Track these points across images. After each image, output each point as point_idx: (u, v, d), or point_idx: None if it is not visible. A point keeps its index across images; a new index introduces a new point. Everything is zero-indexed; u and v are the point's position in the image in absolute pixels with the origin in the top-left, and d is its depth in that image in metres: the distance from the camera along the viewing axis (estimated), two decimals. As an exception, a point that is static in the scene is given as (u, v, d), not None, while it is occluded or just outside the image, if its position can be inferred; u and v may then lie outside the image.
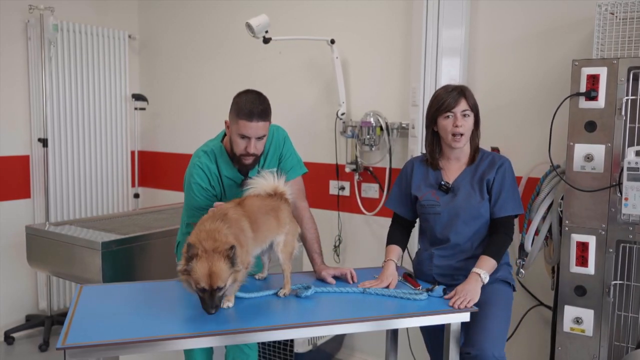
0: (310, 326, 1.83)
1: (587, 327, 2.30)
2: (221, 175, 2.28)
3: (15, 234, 3.83)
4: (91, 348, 1.61)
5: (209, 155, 2.30)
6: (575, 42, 2.72)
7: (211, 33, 4.11)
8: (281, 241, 2.06)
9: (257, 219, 1.97)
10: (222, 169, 2.28)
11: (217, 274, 1.71)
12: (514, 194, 2.23)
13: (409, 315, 1.95)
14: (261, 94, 2.22)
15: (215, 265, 1.71)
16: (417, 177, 2.33)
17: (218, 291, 1.73)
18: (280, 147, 2.39)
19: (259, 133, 2.16)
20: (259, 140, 2.18)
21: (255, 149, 2.18)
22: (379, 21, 3.35)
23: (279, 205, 2.08)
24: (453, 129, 2.17)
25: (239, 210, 1.93)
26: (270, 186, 2.09)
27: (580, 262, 2.30)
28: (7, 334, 3.79)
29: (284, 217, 2.07)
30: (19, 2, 3.82)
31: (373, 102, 3.39)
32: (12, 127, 3.89)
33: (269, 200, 2.06)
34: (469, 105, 2.18)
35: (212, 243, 1.75)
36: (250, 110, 2.12)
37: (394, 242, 2.37)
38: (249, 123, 2.12)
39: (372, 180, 3.43)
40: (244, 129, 2.13)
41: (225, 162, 2.28)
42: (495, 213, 2.21)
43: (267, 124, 2.20)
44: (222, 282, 1.73)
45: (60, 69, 4.02)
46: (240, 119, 2.13)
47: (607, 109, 2.22)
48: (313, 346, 3.24)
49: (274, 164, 2.38)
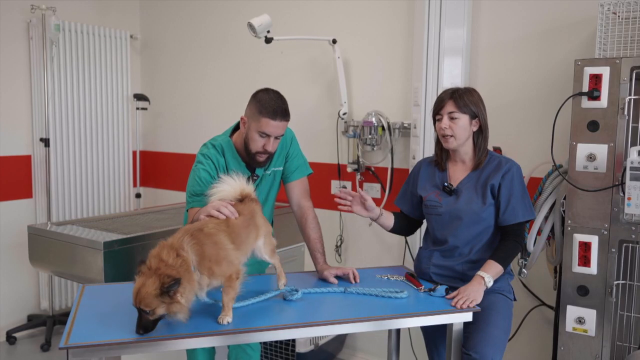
0: (312, 326, 1.83)
1: (589, 327, 2.30)
2: (228, 170, 2.27)
3: (17, 234, 3.83)
4: (94, 348, 1.61)
5: (217, 149, 2.31)
6: (578, 42, 2.71)
7: (213, 33, 4.11)
8: (261, 244, 2.01)
9: (241, 233, 1.88)
10: (230, 163, 2.28)
11: (142, 297, 1.60)
12: (524, 199, 2.19)
13: (410, 315, 1.95)
14: (281, 94, 2.25)
15: (144, 287, 1.61)
16: (424, 177, 2.34)
17: (145, 313, 1.62)
18: (287, 146, 2.40)
19: (279, 132, 2.18)
20: (276, 139, 2.21)
21: (272, 147, 2.20)
22: (381, 21, 3.35)
23: (253, 210, 1.99)
24: (440, 131, 2.20)
25: (221, 225, 1.83)
26: (236, 191, 1.99)
27: (583, 262, 2.30)
28: (9, 334, 3.79)
29: (259, 222, 2.00)
30: (21, 2, 3.82)
31: (375, 101, 3.39)
32: (14, 127, 3.90)
33: (241, 207, 1.95)
34: (457, 107, 2.15)
35: (158, 263, 1.64)
36: (275, 109, 2.15)
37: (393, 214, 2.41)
38: (272, 122, 2.14)
39: (374, 180, 3.43)
40: (266, 127, 2.14)
41: (233, 157, 2.29)
42: (505, 220, 2.18)
43: (287, 124, 2.23)
44: (147, 307, 1.61)
45: (62, 68, 4.03)
46: (263, 116, 2.14)
47: (609, 108, 2.21)
48: (315, 346, 3.24)
49: (280, 163, 2.38)
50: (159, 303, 1.61)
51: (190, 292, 1.68)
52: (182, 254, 1.67)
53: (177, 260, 1.66)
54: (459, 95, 2.17)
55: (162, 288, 1.60)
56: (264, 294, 2.02)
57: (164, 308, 1.62)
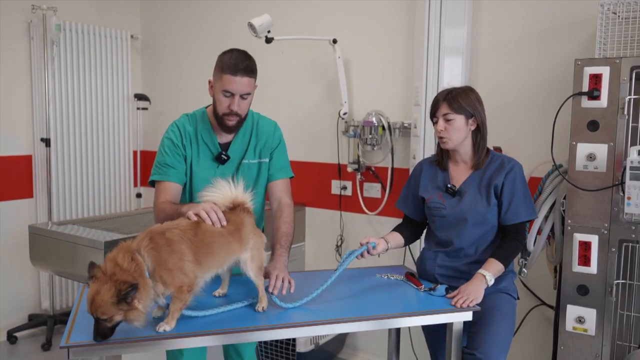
0: (312, 325, 1.83)
1: (589, 327, 2.30)
2: (198, 139, 2.21)
3: (17, 234, 3.83)
4: (94, 347, 1.61)
5: (190, 117, 2.25)
6: (578, 42, 2.72)
7: (213, 33, 4.11)
8: (247, 258, 1.89)
9: (212, 244, 1.79)
10: (202, 133, 2.21)
11: (97, 305, 1.54)
12: (526, 199, 2.19)
13: (411, 314, 1.95)
14: (247, 52, 2.16)
15: (99, 295, 1.54)
16: (426, 178, 2.32)
17: (102, 320, 1.56)
18: (275, 144, 2.33)
19: (243, 90, 2.09)
20: (243, 99, 2.11)
21: (239, 107, 2.10)
22: (381, 21, 3.35)
23: (242, 221, 1.89)
24: (436, 133, 2.20)
25: (188, 233, 1.74)
26: (228, 199, 1.89)
27: (583, 262, 2.30)
28: (10, 334, 3.80)
29: (246, 235, 1.88)
30: (21, 2, 3.83)
31: (375, 101, 3.39)
32: (14, 127, 3.90)
33: (229, 216, 1.86)
34: (451, 108, 2.15)
35: (113, 268, 1.58)
36: (235, 64, 2.07)
37: (397, 230, 2.39)
38: (233, 77, 2.06)
39: (374, 179, 3.43)
40: (228, 84, 2.07)
41: (206, 128, 2.22)
42: (507, 220, 2.18)
43: (252, 82, 2.13)
44: (104, 315, 1.55)
45: (63, 68, 4.03)
46: (224, 73, 2.07)
47: (609, 108, 2.22)
48: (315, 345, 3.25)
49: (266, 154, 2.29)
50: (116, 310, 1.55)
51: (147, 297, 1.61)
52: (137, 258, 1.62)
53: (131, 264, 1.60)
54: (452, 96, 2.16)
55: (119, 295, 1.54)
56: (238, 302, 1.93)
57: (122, 315, 1.57)
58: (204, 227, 1.79)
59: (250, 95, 2.15)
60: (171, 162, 2.17)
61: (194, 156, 2.21)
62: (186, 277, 1.69)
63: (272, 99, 3.86)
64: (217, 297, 2.00)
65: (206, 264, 1.77)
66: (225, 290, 2.03)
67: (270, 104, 3.86)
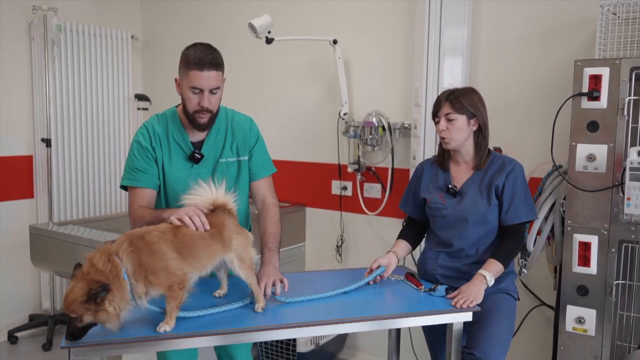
0: (313, 325, 1.83)
1: (589, 327, 2.31)
2: (169, 139, 2.15)
3: (18, 234, 3.84)
4: (95, 347, 1.61)
5: (160, 118, 2.20)
6: (578, 42, 2.72)
7: (213, 33, 4.11)
8: (234, 258, 1.87)
9: (194, 245, 1.78)
10: (173, 133, 2.15)
11: (69, 302, 1.55)
12: (526, 199, 2.20)
13: (411, 314, 1.96)
14: (211, 45, 2.09)
15: (72, 293, 1.55)
16: (427, 179, 2.32)
17: (73, 320, 1.56)
18: (253, 141, 2.25)
19: (212, 84, 2.02)
20: (213, 94, 2.04)
21: (209, 103, 2.03)
22: (382, 21, 3.36)
23: (222, 223, 1.86)
24: (438, 133, 2.21)
25: (168, 234, 1.75)
26: (208, 201, 1.87)
27: (583, 262, 2.30)
28: (11, 334, 3.80)
29: (228, 236, 1.86)
30: (22, 2, 3.83)
31: (375, 102, 3.40)
32: (15, 127, 3.91)
33: (212, 219, 1.85)
34: (453, 108, 2.15)
35: (89, 268, 1.59)
36: (200, 58, 1.99)
37: (403, 237, 2.39)
38: (199, 73, 1.99)
39: (375, 180, 3.44)
40: (195, 80, 1.99)
41: (177, 127, 2.15)
42: (507, 220, 2.18)
43: (220, 76, 2.06)
44: (73, 314, 1.55)
45: (64, 69, 4.04)
46: (190, 69, 2.00)
47: (609, 109, 2.22)
48: (315, 346, 3.25)
49: (244, 152, 2.23)
50: (84, 310, 1.55)
51: (121, 300, 1.60)
52: (114, 260, 1.61)
53: (107, 265, 1.60)
54: (455, 96, 2.16)
55: (89, 294, 1.54)
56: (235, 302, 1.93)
57: (91, 315, 1.56)
58: (184, 230, 1.79)
59: (220, 89, 2.08)
60: (141, 166, 2.12)
61: (165, 157, 2.15)
62: (174, 275, 1.70)
63: (272, 100, 3.86)
64: (217, 297, 2.01)
65: (190, 264, 1.76)
66: (224, 290, 2.03)
67: (270, 104, 3.87)
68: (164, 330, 1.69)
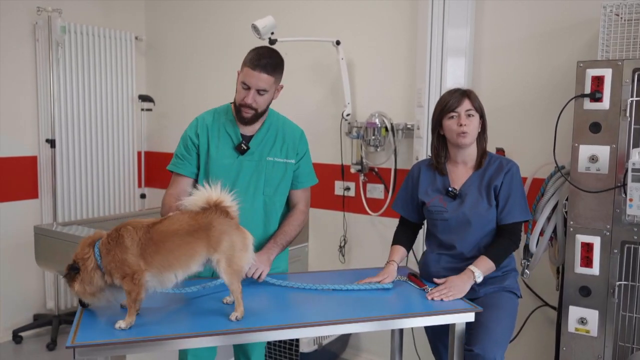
0: (316, 326, 1.84)
1: (591, 328, 2.31)
2: (219, 129, 2.27)
3: (23, 234, 3.86)
4: (100, 347, 1.63)
5: (213, 111, 2.35)
6: (580, 43, 2.72)
7: (217, 34, 4.13)
8: (222, 260, 1.82)
9: (164, 241, 1.80)
10: (225, 124, 2.28)
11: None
12: (522, 200, 2.21)
13: (414, 315, 1.96)
14: (276, 51, 2.23)
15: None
16: (424, 182, 2.31)
17: None
18: (302, 151, 2.36)
19: (260, 85, 2.15)
20: (260, 95, 2.17)
21: (253, 101, 2.16)
22: (384, 22, 3.36)
23: (210, 222, 1.83)
24: (457, 128, 2.16)
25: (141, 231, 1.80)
26: (202, 199, 1.86)
27: (585, 263, 2.30)
28: (15, 333, 3.82)
29: (215, 235, 1.82)
30: (27, 4, 3.85)
31: (378, 103, 3.40)
32: (20, 128, 3.93)
33: (198, 217, 1.84)
34: (473, 105, 2.18)
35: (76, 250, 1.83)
36: (256, 59, 2.14)
37: (398, 243, 2.38)
38: (251, 71, 2.13)
39: (378, 180, 3.44)
40: (246, 77, 2.15)
41: (230, 119, 2.28)
42: (503, 219, 2.19)
43: (271, 80, 2.17)
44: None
45: (68, 70, 4.05)
46: (245, 66, 2.16)
47: (611, 110, 2.22)
48: (318, 346, 3.26)
49: (292, 155, 2.31)
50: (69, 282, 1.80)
51: (89, 283, 1.78)
52: (92, 247, 1.80)
53: (85, 250, 1.80)
54: (471, 94, 2.20)
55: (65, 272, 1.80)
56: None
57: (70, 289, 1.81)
58: (158, 227, 1.83)
59: (268, 92, 2.19)
60: (181, 154, 2.28)
61: (213, 145, 2.26)
62: (129, 268, 1.76)
63: (275, 100, 3.87)
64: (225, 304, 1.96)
65: (156, 262, 1.79)
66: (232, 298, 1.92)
67: (273, 104, 3.87)
68: (119, 326, 1.73)
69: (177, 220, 1.85)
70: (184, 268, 1.83)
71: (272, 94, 2.23)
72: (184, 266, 1.82)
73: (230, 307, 1.88)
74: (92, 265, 1.78)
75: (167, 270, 1.81)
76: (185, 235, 1.82)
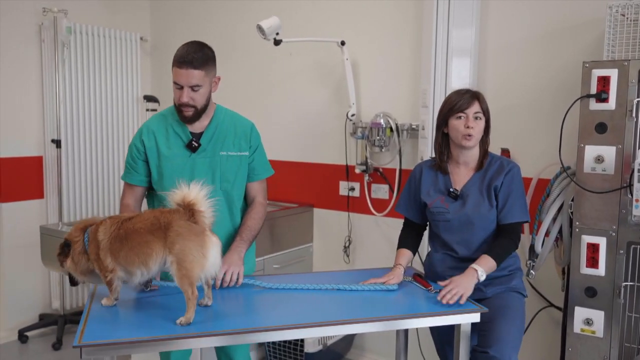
0: (321, 326, 1.84)
1: (597, 329, 2.31)
2: (168, 131, 2.25)
3: (28, 234, 3.87)
4: (106, 346, 1.63)
5: (158, 116, 2.33)
6: (586, 43, 2.71)
7: (222, 35, 4.13)
8: (174, 262, 1.79)
9: (127, 238, 1.84)
10: (172, 125, 2.25)
11: None
12: (521, 200, 2.21)
13: (419, 315, 1.96)
14: (203, 44, 2.21)
15: None
16: (426, 182, 2.31)
17: None
18: (255, 143, 2.34)
19: (191, 81, 2.11)
20: (195, 91, 2.13)
21: (190, 99, 2.13)
22: (389, 22, 3.36)
23: (169, 222, 1.82)
24: (464, 130, 2.15)
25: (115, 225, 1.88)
26: (179, 197, 1.84)
27: (591, 264, 2.30)
28: (21, 333, 3.84)
29: (172, 236, 1.80)
30: (33, 5, 3.87)
31: (383, 103, 3.40)
32: (26, 128, 3.94)
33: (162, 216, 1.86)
34: (481, 108, 2.18)
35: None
36: (182, 56, 2.12)
37: (404, 246, 2.37)
38: (179, 70, 2.11)
39: (382, 181, 3.44)
40: (175, 76, 2.13)
41: (176, 120, 2.25)
42: (503, 219, 2.19)
43: (202, 74, 2.13)
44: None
45: (73, 70, 4.07)
46: (173, 66, 2.14)
47: (617, 110, 2.22)
48: (323, 346, 3.26)
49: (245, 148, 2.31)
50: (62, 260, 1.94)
51: (78, 262, 1.91)
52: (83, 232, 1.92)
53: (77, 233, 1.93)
54: (482, 98, 2.20)
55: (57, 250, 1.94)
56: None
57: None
58: (127, 223, 1.88)
59: (202, 86, 2.15)
60: (129, 163, 2.30)
61: (162, 146, 2.24)
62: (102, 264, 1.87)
63: (280, 101, 3.88)
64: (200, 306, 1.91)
65: (120, 258, 1.86)
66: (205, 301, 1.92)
67: (278, 105, 3.89)
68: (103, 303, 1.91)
69: (144, 218, 1.89)
70: (145, 266, 1.85)
71: (208, 87, 2.19)
72: (144, 264, 1.85)
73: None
74: (80, 248, 1.90)
75: (130, 266, 1.86)
76: (146, 234, 1.84)
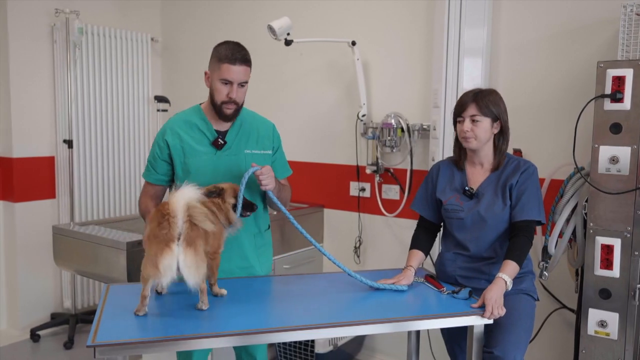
0: (331, 327, 1.83)
1: (612, 331, 2.28)
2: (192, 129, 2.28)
3: (40, 234, 3.90)
4: (120, 346, 1.64)
5: (182, 113, 2.37)
6: (600, 43, 2.69)
7: (233, 35, 4.11)
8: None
9: None
10: (197, 123, 2.29)
11: None
12: (536, 199, 2.17)
13: (430, 316, 1.95)
14: (240, 44, 2.29)
15: None
16: (443, 180, 2.31)
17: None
18: (277, 144, 2.40)
19: (241, 78, 2.20)
20: (241, 87, 2.21)
21: (237, 95, 2.20)
22: (400, 22, 3.35)
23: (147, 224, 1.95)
24: (461, 132, 2.18)
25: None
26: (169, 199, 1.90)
27: (605, 265, 2.28)
28: (33, 332, 3.86)
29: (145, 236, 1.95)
30: (45, 6, 3.89)
31: (394, 103, 3.39)
32: (38, 128, 3.97)
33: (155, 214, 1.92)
34: (479, 110, 2.15)
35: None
36: (233, 54, 2.19)
37: (417, 247, 2.35)
38: (232, 66, 2.17)
39: (393, 181, 3.43)
40: (227, 73, 2.17)
41: (201, 118, 2.30)
42: (516, 216, 2.16)
43: (248, 71, 2.23)
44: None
45: (85, 71, 4.09)
46: (222, 63, 2.19)
47: (633, 110, 2.20)
48: (334, 347, 3.25)
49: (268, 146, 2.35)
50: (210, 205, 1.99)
51: (219, 210, 2.01)
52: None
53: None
54: (481, 98, 2.16)
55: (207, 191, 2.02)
56: None
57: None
58: None
59: (247, 83, 2.24)
60: (150, 161, 2.33)
61: (187, 144, 2.26)
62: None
63: (291, 101, 3.88)
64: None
65: None
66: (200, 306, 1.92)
67: (289, 105, 3.89)
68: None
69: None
70: None
71: (247, 85, 2.27)
72: None
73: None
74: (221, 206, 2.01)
75: None
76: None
